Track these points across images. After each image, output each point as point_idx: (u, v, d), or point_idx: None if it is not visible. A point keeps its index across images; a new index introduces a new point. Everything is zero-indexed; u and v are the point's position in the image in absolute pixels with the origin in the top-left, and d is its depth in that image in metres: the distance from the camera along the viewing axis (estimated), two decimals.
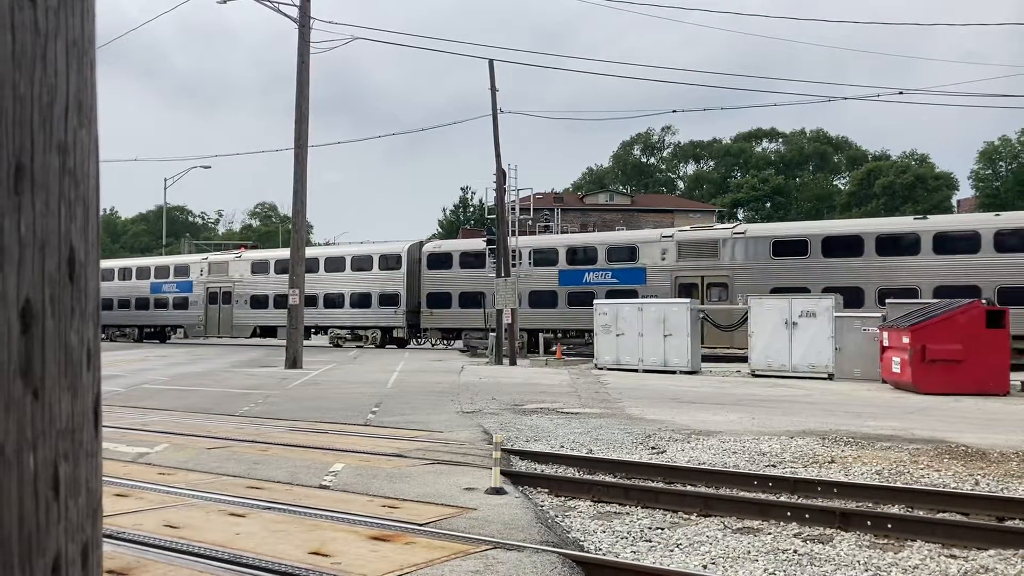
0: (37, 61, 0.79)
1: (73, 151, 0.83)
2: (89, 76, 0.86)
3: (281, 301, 35.42)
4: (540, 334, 34.04)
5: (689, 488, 8.49)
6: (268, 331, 40.72)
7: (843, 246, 29.09)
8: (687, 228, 33.68)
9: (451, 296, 35.98)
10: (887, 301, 23.80)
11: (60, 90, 0.81)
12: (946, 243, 27.68)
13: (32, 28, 0.78)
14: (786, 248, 29.90)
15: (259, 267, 41.79)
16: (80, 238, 0.84)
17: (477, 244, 35.77)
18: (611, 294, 31.33)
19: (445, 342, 37.29)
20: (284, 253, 37.30)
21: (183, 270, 44.34)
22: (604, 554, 6.40)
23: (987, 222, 28.11)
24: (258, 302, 41.29)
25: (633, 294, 30.53)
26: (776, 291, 26.98)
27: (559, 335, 33.80)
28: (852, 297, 27.20)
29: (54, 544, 0.78)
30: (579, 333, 32.91)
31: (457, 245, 38.42)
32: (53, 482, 0.78)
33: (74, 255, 0.83)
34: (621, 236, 36.69)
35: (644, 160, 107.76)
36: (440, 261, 36.66)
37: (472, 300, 34.99)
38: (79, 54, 0.84)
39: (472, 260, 35.68)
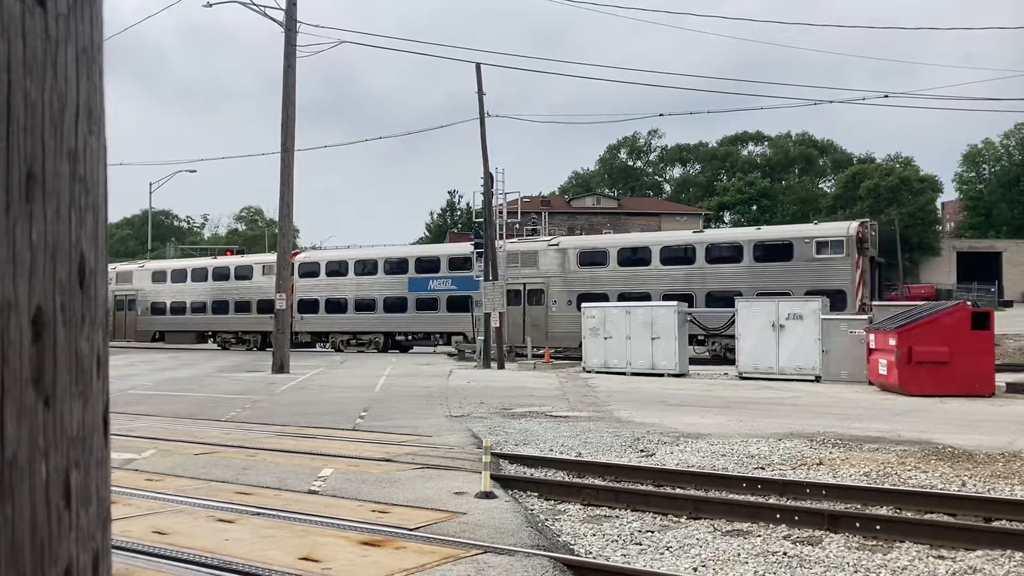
0: (48, 68, 0.79)
1: (83, 158, 0.83)
2: (98, 83, 0.86)
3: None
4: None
5: (679, 491, 8.52)
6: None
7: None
8: None
9: None
10: (873, 304, 23.91)
11: (70, 97, 0.81)
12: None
13: (43, 35, 0.78)
14: None
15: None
16: (90, 245, 0.84)
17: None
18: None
19: None
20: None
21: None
22: (595, 557, 6.41)
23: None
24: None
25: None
26: None
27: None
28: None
29: (66, 553, 0.78)
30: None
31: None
32: (64, 490, 0.78)
33: (84, 262, 0.83)
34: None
35: (631, 163, 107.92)
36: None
37: None
38: (88, 61, 0.84)
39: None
